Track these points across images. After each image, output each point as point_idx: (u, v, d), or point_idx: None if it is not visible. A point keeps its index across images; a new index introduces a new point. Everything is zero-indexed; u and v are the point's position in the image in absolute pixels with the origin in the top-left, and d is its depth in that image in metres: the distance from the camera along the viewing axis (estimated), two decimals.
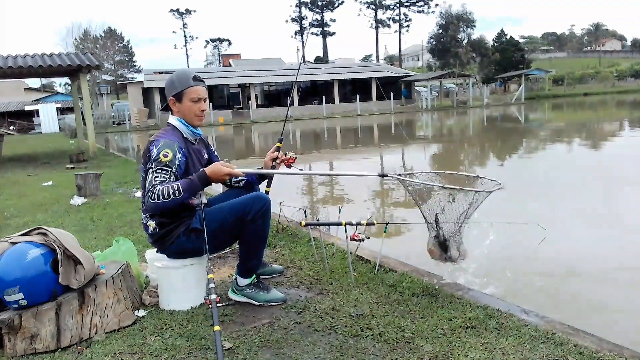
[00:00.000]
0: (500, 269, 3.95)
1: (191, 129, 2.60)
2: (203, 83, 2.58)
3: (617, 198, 6.39)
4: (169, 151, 2.42)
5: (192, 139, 2.63)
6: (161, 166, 2.40)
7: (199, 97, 2.54)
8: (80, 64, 12.54)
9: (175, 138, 2.52)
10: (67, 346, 2.31)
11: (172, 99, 2.56)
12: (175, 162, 2.42)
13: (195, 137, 2.65)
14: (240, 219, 2.51)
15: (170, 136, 2.52)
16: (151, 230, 2.60)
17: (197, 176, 2.38)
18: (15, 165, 12.41)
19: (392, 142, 17.16)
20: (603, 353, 2.04)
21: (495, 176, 2.78)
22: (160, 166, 2.40)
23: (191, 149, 2.60)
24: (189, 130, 2.60)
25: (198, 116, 2.58)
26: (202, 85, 2.57)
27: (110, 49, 64.12)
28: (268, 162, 2.91)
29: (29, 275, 2.23)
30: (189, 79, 2.53)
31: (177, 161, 2.43)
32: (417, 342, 2.20)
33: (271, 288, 2.74)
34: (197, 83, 2.54)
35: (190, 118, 2.57)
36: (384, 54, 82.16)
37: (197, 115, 2.57)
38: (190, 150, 2.58)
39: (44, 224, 3.43)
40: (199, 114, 2.57)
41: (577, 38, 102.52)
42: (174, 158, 2.42)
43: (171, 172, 2.41)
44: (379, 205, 6.97)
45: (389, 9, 67.86)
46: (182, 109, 2.55)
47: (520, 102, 39.58)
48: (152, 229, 2.59)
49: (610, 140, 13.91)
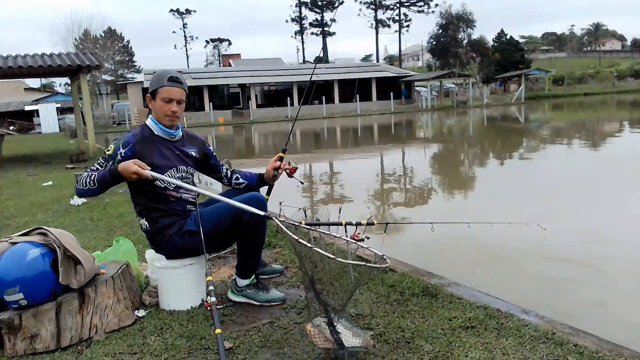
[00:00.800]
0: (500, 268, 3.96)
1: (162, 127, 2.59)
2: (179, 84, 2.55)
3: (617, 198, 6.39)
4: (112, 146, 2.51)
5: (166, 136, 2.62)
6: (102, 157, 2.53)
7: (170, 98, 2.52)
8: (80, 64, 12.54)
9: (131, 135, 2.56)
10: (67, 346, 2.31)
11: (148, 96, 2.59)
12: (115, 156, 2.48)
13: (171, 136, 2.63)
14: (237, 220, 2.50)
15: (131, 133, 2.58)
16: (144, 228, 2.63)
17: (109, 170, 2.43)
18: (15, 165, 12.41)
19: (381, 144, 17.16)
20: (603, 353, 2.04)
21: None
22: (101, 157, 2.53)
23: (159, 144, 2.58)
24: (160, 128, 2.59)
25: (168, 116, 2.55)
26: (176, 87, 2.54)
27: (110, 49, 63.99)
28: (270, 171, 2.85)
29: (29, 275, 2.23)
30: (164, 78, 2.52)
31: (119, 156, 2.47)
32: (417, 342, 2.20)
33: (271, 288, 2.74)
34: (171, 84, 2.52)
35: (160, 117, 2.57)
36: (384, 54, 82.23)
37: (167, 116, 2.55)
38: (154, 145, 2.57)
39: (44, 224, 3.43)
40: (168, 115, 2.55)
41: (577, 38, 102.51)
42: (114, 152, 2.49)
43: (106, 165, 2.49)
44: (379, 205, 6.97)
45: (389, 9, 67.93)
46: (155, 107, 2.57)
47: (520, 102, 39.57)
48: (145, 227, 2.62)
49: (610, 140, 13.91)
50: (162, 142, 2.60)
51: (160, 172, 2.51)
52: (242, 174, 2.90)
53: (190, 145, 2.72)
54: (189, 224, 2.57)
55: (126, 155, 2.47)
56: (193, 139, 2.78)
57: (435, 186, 8.36)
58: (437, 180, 8.99)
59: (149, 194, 2.57)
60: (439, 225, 3.91)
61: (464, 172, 9.65)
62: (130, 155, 2.48)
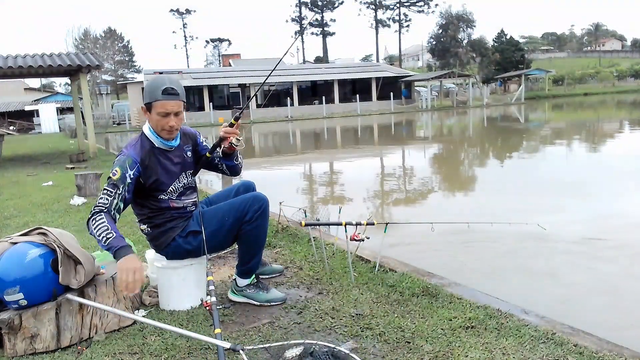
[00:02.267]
0: (500, 268, 3.96)
1: (162, 140, 2.48)
2: (176, 96, 2.37)
3: (618, 197, 6.39)
4: (119, 170, 2.35)
5: (166, 148, 2.52)
6: (109, 184, 2.35)
7: (166, 112, 2.37)
8: (80, 64, 12.54)
9: (133, 151, 2.42)
10: (67, 346, 2.31)
11: (143, 107, 2.43)
12: (125, 179, 2.35)
13: (171, 147, 2.53)
14: (239, 220, 2.51)
15: (132, 149, 2.44)
16: (145, 232, 2.62)
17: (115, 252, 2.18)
18: (15, 165, 12.41)
19: (381, 145, 17.16)
20: (603, 353, 2.04)
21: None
22: (108, 183, 2.35)
23: (161, 157, 2.50)
24: (160, 141, 2.48)
25: (166, 130, 2.42)
26: (172, 99, 2.36)
27: (110, 49, 64.07)
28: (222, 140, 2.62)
29: (29, 275, 2.23)
30: (158, 91, 2.34)
31: (128, 179, 2.36)
32: (417, 342, 2.20)
33: (271, 288, 2.74)
34: (166, 97, 2.34)
35: (158, 131, 2.44)
36: (384, 54, 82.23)
37: (165, 130, 2.42)
38: (157, 159, 2.48)
39: (44, 224, 3.43)
40: (166, 129, 2.41)
41: (577, 38, 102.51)
42: (122, 176, 2.34)
43: (117, 193, 2.33)
44: (379, 205, 6.97)
45: (389, 9, 67.93)
46: (151, 120, 2.43)
47: (520, 102, 39.59)
48: (146, 231, 2.61)
49: (610, 140, 13.91)
50: (163, 153, 2.52)
51: (165, 188, 2.49)
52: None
53: (185, 145, 2.63)
54: (192, 225, 2.56)
55: (134, 176, 2.38)
56: (186, 136, 2.66)
57: (435, 186, 8.36)
58: (437, 180, 8.99)
59: (151, 206, 2.54)
60: (439, 225, 3.92)
61: (464, 172, 9.65)
62: (138, 175, 2.40)
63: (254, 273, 2.70)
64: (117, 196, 2.33)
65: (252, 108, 37.57)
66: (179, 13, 77.01)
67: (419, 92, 43.68)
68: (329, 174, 10.63)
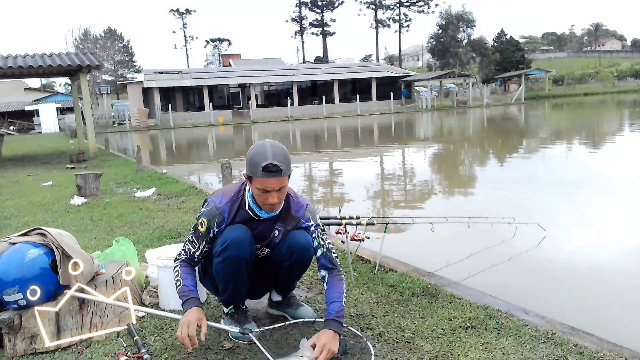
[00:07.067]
0: (500, 268, 3.96)
1: (262, 214, 2.28)
2: (277, 173, 2.08)
3: (617, 197, 6.38)
4: (206, 222, 2.26)
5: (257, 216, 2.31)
6: (195, 234, 2.30)
7: (266, 190, 2.14)
8: (80, 64, 12.54)
9: (228, 209, 2.28)
10: (67, 346, 2.31)
11: (245, 174, 2.23)
12: (208, 235, 2.28)
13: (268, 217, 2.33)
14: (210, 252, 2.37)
15: (228, 205, 2.29)
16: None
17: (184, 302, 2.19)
18: (15, 165, 12.41)
19: (384, 144, 17.16)
20: (603, 353, 2.04)
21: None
22: (194, 233, 2.30)
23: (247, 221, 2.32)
24: (260, 215, 2.29)
25: (265, 205, 2.21)
26: (273, 176, 2.09)
27: (110, 49, 64.10)
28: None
29: (29, 276, 2.23)
30: (258, 167, 2.09)
31: (211, 234, 2.28)
32: (417, 342, 2.20)
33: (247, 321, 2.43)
34: (265, 174, 2.08)
35: (259, 203, 2.24)
36: (384, 54, 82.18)
37: (265, 204, 2.21)
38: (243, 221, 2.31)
39: (44, 224, 3.43)
40: (266, 204, 2.20)
41: (577, 38, 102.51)
42: (207, 231, 2.27)
43: (200, 246, 2.29)
44: (379, 205, 6.97)
45: (389, 9, 67.90)
46: (253, 191, 2.22)
47: (521, 102, 39.58)
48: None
49: (611, 140, 13.91)
50: (254, 220, 2.32)
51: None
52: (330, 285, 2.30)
53: (279, 223, 2.35)
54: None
55: (217, 233, 2.29)
56: (289, 217, 2.36)
57: (436, 186, 8.36)
58: (437, 179, 8.99)
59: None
60: (439, 224, 3.92)
61: (464, 172, 9.65)
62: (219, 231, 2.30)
63: (231, 304, 2.48)
64: (199, 249, 2.31)
65: (252, 108, 37.57)
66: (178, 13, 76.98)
67: (419, 92, 43.68)
68: (328, 174, 10.63)
